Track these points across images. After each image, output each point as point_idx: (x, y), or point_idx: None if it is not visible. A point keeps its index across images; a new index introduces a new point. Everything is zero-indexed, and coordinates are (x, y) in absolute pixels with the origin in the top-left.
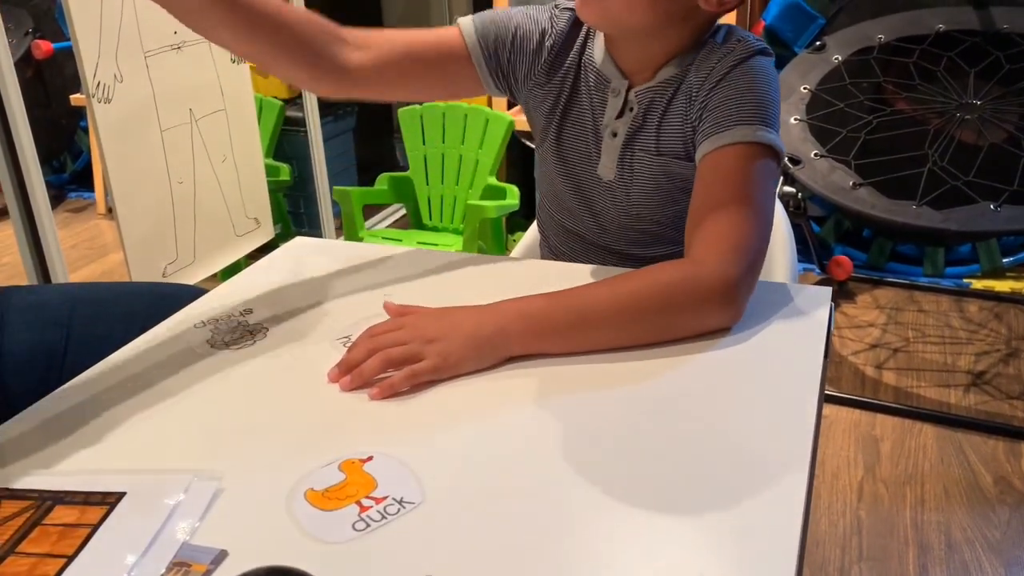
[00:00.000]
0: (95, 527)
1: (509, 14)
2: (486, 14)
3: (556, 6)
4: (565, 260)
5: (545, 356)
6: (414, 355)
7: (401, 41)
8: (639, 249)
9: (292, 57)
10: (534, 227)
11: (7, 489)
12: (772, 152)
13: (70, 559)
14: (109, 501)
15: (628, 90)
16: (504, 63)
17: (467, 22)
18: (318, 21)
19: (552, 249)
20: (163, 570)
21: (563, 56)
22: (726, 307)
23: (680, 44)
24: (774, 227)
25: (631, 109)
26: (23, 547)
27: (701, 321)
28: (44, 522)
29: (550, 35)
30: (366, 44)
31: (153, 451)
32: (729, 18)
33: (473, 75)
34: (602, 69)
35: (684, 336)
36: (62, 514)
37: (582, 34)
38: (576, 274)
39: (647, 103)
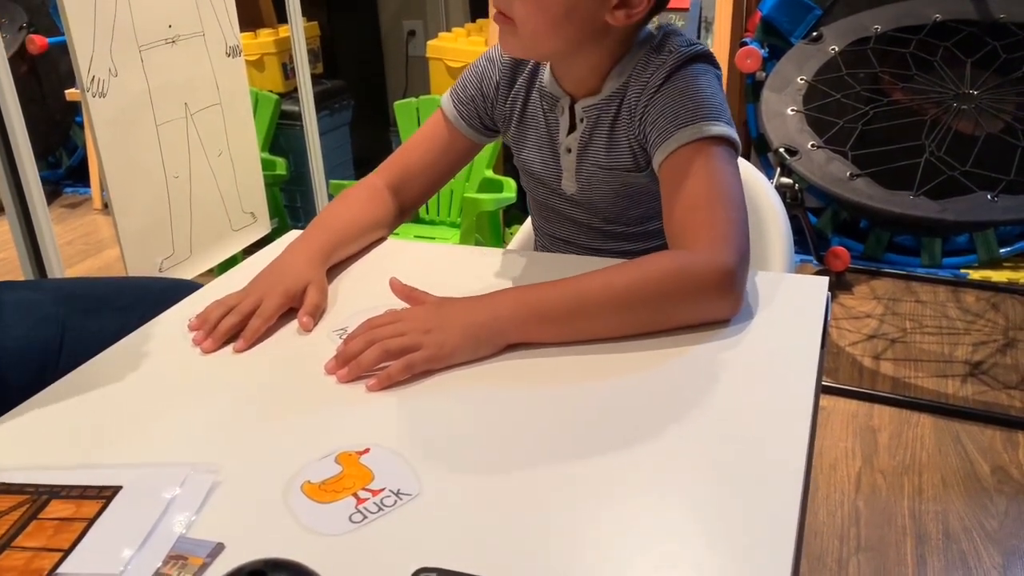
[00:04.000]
0: (91, 521)
1: (473, 70)
2: (459, 84)
3: None
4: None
5: (543, 346)
6: (411, 346)
7: (420, 167)
8: (615, 244)
9: (380, 237)
10: (530, 220)
11: (3, 483)
12: (723, 140)
13: (66, 553)
14: (105, 495)
15: (573, 106)
16: (484, 116)
17: (447, 102)
18: (372, 210)
19: (543, 247)
20: (160, 563)
21: (514, 81)
22: (724, 296)
23: (612, 56)
24: (771, 219)
25: (581, 121)
26: (19, 541)
27: (698, 310)
28: (40, 516)
29: (499, 66)
30: (401, 187)
31: (149, 445)
32: (727, 9)
33: (473, 144)
34: (549, 89)
35: (682, 325)
36: (58, 508)
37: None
38: (572, 266)
39: (594, 119)
